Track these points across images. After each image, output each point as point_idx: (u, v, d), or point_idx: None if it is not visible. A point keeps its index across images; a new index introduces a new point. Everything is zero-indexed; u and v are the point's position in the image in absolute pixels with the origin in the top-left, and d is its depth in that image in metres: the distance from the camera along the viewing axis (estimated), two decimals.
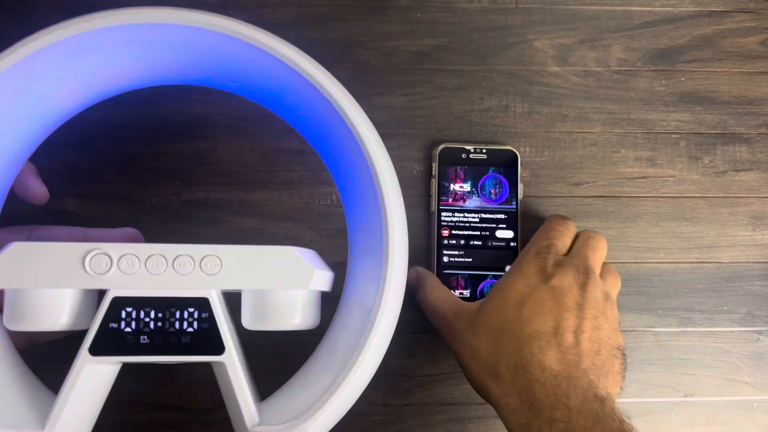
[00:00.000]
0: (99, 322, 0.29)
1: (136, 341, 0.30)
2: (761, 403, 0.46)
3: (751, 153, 0.49)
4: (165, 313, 0.30)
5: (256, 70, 0.34)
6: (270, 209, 0.46)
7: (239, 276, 0.30)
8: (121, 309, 0.30)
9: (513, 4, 0.49)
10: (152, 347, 0.30)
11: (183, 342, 0.30)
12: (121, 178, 0.45)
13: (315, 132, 0.36)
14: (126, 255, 0.29)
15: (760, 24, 0.50)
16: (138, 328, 0.30)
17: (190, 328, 0.30)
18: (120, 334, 0.30)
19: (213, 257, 0.30)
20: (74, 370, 0.29)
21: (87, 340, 0.29)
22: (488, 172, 0.46)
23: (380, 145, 0.33)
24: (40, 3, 0.47)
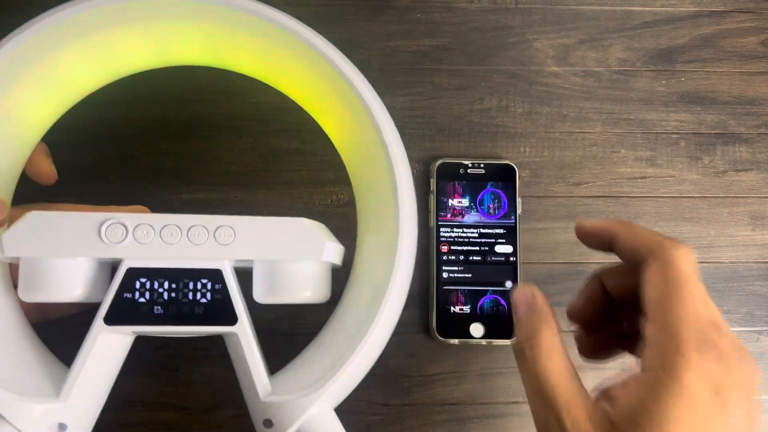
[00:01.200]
0: (114, 292, 0.30)
1: (150, 311, 0.30)
2: (761, 403, 0.46)
3: (751, 153, 0.49)
4: (179, 284, 0.30)
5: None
6: (270, 209, 0.46)
7: (252, 246, 0.30)
8: (136, 279, 0.30)
9: (513, 4, 0.49)
10: (166, 317, 0.30)
11: (196, 312, 0.30)
12: (121, 178, 0.45)
13: (324, 110, 0.37)
14: (141, 224, 0.29)
15: (760, 24, 0.50)
16: (152, 298, 0.30)
17: (203, 299, 0.30)
18: (134, 304, 0.30)
19: (227, 227, 0.30)
20: (89, 339, 0.29)
21: (102, 310, 0.29)
22: (486, 186, 0.46)
23: (391, 125, 0.34)
24: (39, 3, 0.47)
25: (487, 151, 0.48)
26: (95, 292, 0.30)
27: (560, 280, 0.46)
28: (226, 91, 0.46)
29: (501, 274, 0.45)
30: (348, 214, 0.46)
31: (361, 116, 0.33)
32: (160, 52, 0.36)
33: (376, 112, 0.33)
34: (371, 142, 0.34)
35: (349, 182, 0.46)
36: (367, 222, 0.36)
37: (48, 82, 0.33)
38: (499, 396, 0.45)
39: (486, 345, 0.45)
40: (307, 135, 0.47)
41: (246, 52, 0.36)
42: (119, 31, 0.33)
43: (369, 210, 0.36)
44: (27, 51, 0.31)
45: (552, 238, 0.47)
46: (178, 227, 0.29)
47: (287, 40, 0.33)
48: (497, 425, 0.44)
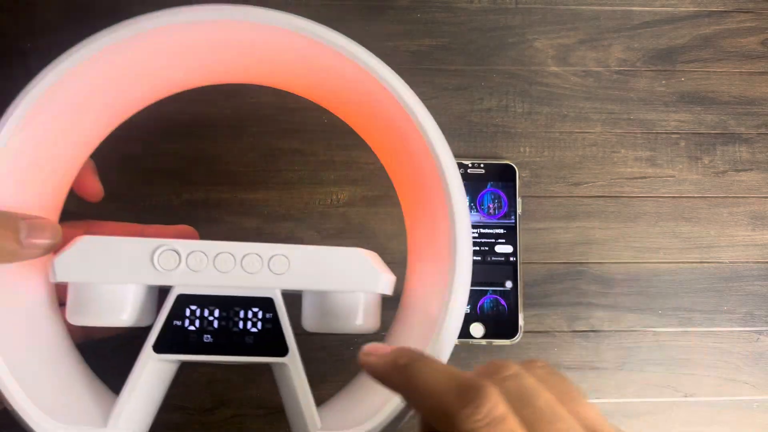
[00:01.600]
0: (164, 320, 0.29)
1: (200, 340, 0.29)
2: (761, 403, 0.46)
3: (751, 153, 0.49)
4: (229, 312, 0.30)
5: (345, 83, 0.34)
6: (270, 209, 0.46)
7: (306, 276, 0.30)
8: (186, 307, 0.29)
9: (513, 4, 0.49)
10: (216, 346, 0.29)
11: (246, 342, 0.30)
12: (121, 178, 0.45)
13: (380, 139, 0.36)
14: (195, 252, 0.29)
15: (760, 24, 0.50)
16: (202, 326, 0.29)
17: (254, 328, 0.30)
18: (184, 332, 0.29)
19: (281, 257, 0.29)
20: (137, 367, 0.29)
21: (151, 338, 0.29)
22: (486, 186, 0.46)
23: (450, 155, 0.33)
24: (39, 3, 0.47)
25: (487, 151, 0.48)
26: (143, 317, 0.30)
27: (560, 280, 0.46)
28: (226, 91, 0.46)
29: (501, 274, 0.45)
30: (348, 214, 0.46)
31: (419, 147, 0.33)
32: (214, 71, 0.35)
33: (434, 139, 0.32)
34: (427, 170, 0.33)
35: (348, 182, 0.47)
36: (420, 249, 0.34)
37: (103, 99, 0.32)
38: None
39: (486, 345, 0.45)
40: (307, 135, 0.47)
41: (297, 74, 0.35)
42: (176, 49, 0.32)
43: (422, 236, 0.34)
44: (84, 69, 0.30)
45: (552, 238, 0.47)
46: (232, 255, 0.29)
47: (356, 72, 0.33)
48: None
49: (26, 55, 0.46)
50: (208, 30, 0.31)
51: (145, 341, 0.29)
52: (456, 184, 0.32)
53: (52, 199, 0.32)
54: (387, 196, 0.46)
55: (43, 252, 0.28)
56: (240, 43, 0.32)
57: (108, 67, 0.30)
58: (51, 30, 0.47)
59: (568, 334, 0.46)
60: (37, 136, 0.29)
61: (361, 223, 0.46)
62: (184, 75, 0.34)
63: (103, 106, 0.32)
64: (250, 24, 0.31)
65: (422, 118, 0.33)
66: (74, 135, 0.32)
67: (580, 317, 0.46)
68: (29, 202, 0.29)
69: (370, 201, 0.46)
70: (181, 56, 0.32)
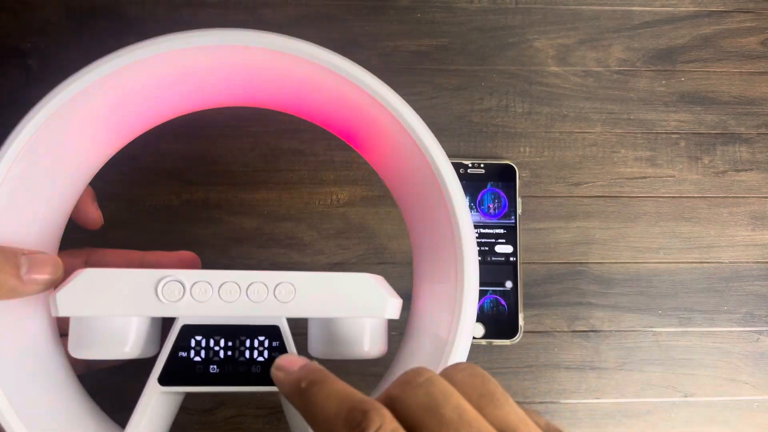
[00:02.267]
0: (168, 351, 0.29)
1: (206, 371, 0.29)
2: (761, 403, 0.46)
3: (751, 153, 0.49)
4: (235, 342, 0.29)
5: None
6: (270, 209, 0.46)
7: (312, 303, 0.29)
8: (191, 337, 0.29)
9: (513, 4, 0.49)
10: (222, 377, 0.29)
11: (253, 372, 0.29)
12: (121, 178, 0.45)
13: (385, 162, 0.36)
14: (199, 282, 0.28)
15: (760, 24, 0.50)
16: (208, 357, 0.29)
17: (260, 357, 0.29)
18: (189, 364, 0.29)
19: (287, 284, 0.29)
20: (143, 401, 0.28)
21: (156, 370, 0.29)
22: (486, 186, 0.46)
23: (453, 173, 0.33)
24: (39, 3, 0.47)
25: (487, 151, 0.48)
26: (146, 349, 0.30)
27: (560, 280, 0.46)
28: None
29: (501, 274, 0.45)
30: (347, 214, 0.46)
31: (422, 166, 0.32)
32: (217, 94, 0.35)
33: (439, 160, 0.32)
34: (431, 190, 0.32)
35: (348, 182, 0.47)
36: (425, 269, 0.34)
37: (102, 124, 0.32)
38: None
39: (486, 345, 0.45)
40: (307, 135, 0.47)
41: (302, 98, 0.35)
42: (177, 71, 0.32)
43: (428, 256, 0.34)
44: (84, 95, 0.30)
45: (552, 238, 0.47)
46: (237, 284, 0.29)
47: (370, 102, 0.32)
48: None
49: (26, 55, 0.46)
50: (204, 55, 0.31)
51: (150, 373, 0.29)
52: (461, 202, 0.32)
53: (52, 230, 0.31)
54: (387, 196, 0.46)
55: (43, 288, 0.28)
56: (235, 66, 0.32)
57: (107, 94, 0.30)
58: (51, 30, 0.46)
59: (568, 334, 0.46)
60: (35, 167, 0.29)
61: (361, 223, 0.46)
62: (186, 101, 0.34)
63: (101, 133, 0.32)
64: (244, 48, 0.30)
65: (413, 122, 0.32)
66: (73, 164, 0.31)
67: (580, 317, 0.46)
68: (28, 235, 0.29)
69: (370, 201, 0.46)
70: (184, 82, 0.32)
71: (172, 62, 0.30)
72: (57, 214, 0.31)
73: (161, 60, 0.30)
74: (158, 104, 0.33)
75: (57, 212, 0.31)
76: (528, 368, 0.45)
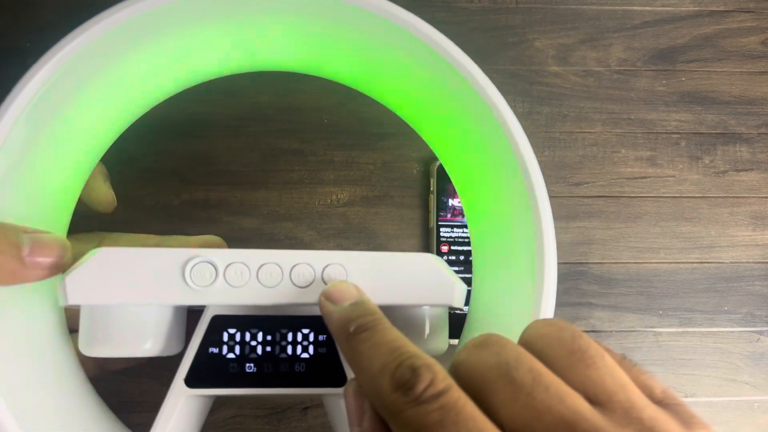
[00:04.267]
0: (197, 347, 0.25)
1: (241, 370, 0.25)
2: (761, 403, 0.46)
3: (752, 153, 0.49)
4: (275, 336, 0.25)
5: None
6: (270, 209, 0.46)
7: (368, 290, 0.24)
8: (223, 330, 0.25)
9: (513, 4, 0.49)
10: (260, 378, 0.25)
11: (297, 371, 0.25)
12: (121, 178, 0.45)
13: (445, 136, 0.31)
14: (234, 263, 0.24)
15: (761, 24, 0.50)
16: (243, 353, 0.25)
17: (305, 354, 0.25)
18: (222, 361, 0.25)
19: (337, 266, 0.25)
20: (167, 405, 0.24)
21: (182, 369, 0.25)
22: None
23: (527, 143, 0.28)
24: (39, 3, 0.47)
25: None
26: (169, 345, 0.25)
27: (560, 280, 0.46)
28: (226, 91, 0.46)
29: None
30: (347, 214, 0.46)
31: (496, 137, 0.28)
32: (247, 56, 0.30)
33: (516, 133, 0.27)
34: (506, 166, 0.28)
35: (348, 182, 0.46)
36: (489, 254, 0.30)
37: (111, 93, 0.27)
38: None
39: None
40: (307, 135, 0.47)
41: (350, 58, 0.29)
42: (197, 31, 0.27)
43: (492, 240, 0.29)
44: (88, 56, 0.25)
45: None
46: (279, 266, 0.24)
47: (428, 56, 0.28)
48: None
49: (26, 55, 0.46)
50: None
51: (175, 374, 0.25)
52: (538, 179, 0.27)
53: (59, 208, 0.27)
54: (387, 196, 0.46)
55: (48, 273, 0.24)
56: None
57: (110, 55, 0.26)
58: (51, 30, 0.46)
59: None
60: (39, 133, 0.25)
61: (361, 223, 0.46)
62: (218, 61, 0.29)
63: (110, 101, 0.28)
64: None
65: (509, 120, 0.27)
66: (83, 133, 0.27)
67: (580, 317, 0.46)
68: (32, 212, 0.25)
69: (370, 201, 0.46)
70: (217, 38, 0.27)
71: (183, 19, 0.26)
72: (65, 190, 0.27)
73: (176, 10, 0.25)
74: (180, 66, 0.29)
75: (65, 188, 0.27)
76: None
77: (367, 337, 0.21)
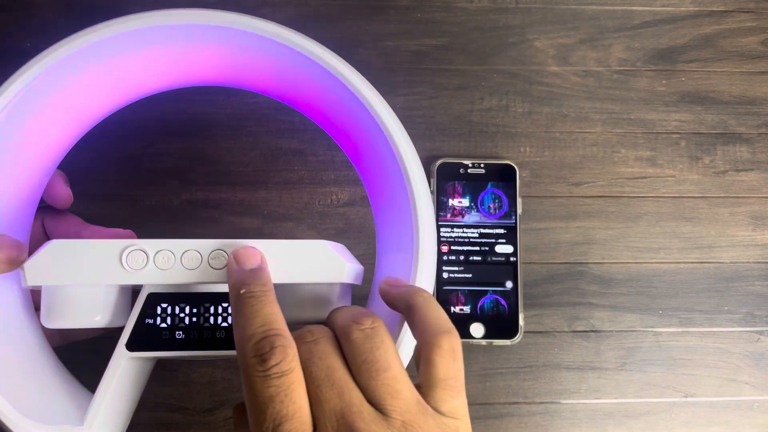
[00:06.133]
0: (135, 318, 0.30)
1: (172, 336, 0.30)
2: (761, 403, 0.46)
3: (752, 153, 0.49)
4: (199, 308, 0.30)
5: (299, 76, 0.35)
6: (270, 209, 0.46)
7: (273, 270, 0.30)
8: (157, 305, 0.30)
9: (513, 4, 0.49)
10: (187, 342, 0.30)
11: (218, 337, 0.30)
12: (121, 178, 0.45)
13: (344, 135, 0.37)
14: (162, 251, 0.29)
15: (761, 24, 0.50)
16: (173, 323, 0.30)
17: (224, 323, 0.30)
18: (156, 330, 0.30)
19: None
20: (111, 365, 0.29)
21: (124, 336, 0.30)
22: (487, 186, 0.46)
23: (411, 146, 0.34)
24: (39, 3, 0.47)
25: (487, 151, 0.48)
26: (116, 317, 0.30)
27: (560, 280, 0.46)
28: (226, 91, 0.46)
29: (501, 274, 0.45)
30: (347, 214, 0.46)
31: (379, 137, 0.34)
32: (177, 74, 0.36)
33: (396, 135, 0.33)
34: (390, 163, 0.34)
35: (348, 182, 0.47)
36: (385, 242, 0.36)
37: (66, 108, 0.33)
38: (499, 396, 0.45)
39: (486, 345, 0.45)
40: (307, 135, 0.47)
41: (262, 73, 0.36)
42: (138, 55, 0.33)
43: (387, 230, 0.35)
44: (46, 79, 0.31)
45: (552, 238, 0.47)
46: (198, 253, 0.29)
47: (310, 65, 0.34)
48: (497, 425, 0.44)
49: (26, 55, 0.46)
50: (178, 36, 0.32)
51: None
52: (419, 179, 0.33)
53: (21, 213, 0.32)
54: None
55: (8, 268, 0.29)
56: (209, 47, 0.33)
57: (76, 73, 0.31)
58: (51, 30, 0.46)
59: (568, 334, 0.46)
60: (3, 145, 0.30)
61: (361, 223, 0.46)
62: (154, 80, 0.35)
63: (64, 115, 0.33)
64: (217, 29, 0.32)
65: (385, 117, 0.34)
66: (40, 146, 0.32)
67: (580, 317, 0.46)
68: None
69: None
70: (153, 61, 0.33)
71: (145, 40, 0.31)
72: (26, 194, 0.32)
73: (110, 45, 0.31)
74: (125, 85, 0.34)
75: (26, 192, 0.32)
76: (528, 368, 0.45)
77: (251, 303, 0.25)
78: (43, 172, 0.34)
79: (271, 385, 0.23)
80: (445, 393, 0.25)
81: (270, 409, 0.23)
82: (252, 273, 0.27)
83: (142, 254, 0.29)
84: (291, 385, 0.23)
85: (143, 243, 0.29)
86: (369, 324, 0.25)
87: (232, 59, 0.35)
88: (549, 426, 0.45)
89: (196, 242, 0.30)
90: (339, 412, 0.23)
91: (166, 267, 0.29)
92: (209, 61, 0.35)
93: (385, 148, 0.33)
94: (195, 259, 0.29)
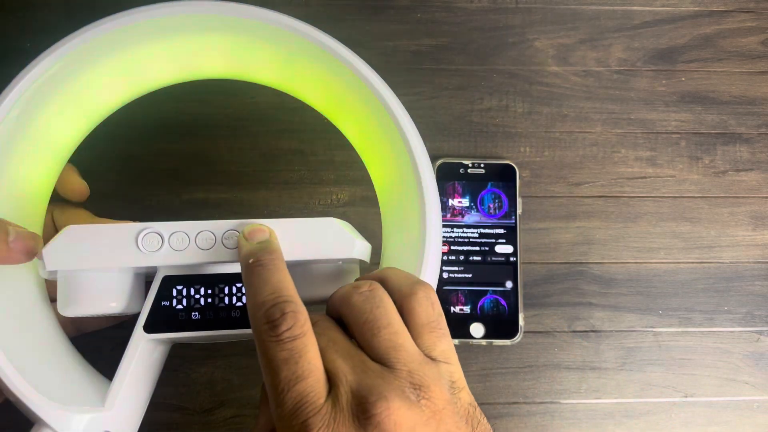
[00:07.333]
0: (152, 301, 0.30)
1: (188, 318, 0.31)
2: (761, 403, 0.46)
3: (752, 153, 0.49)
4: (214, 289, 0.31)
5: None
6: (270, 209, 0.46)
7: (285, 248, 0.30)
8: (172, 287, 0.31)
9: (513, 4, 0.49)
10: (204, 323, 0.31)
11: (233, 316, 0.31)
12: (121, 178, 0.45)
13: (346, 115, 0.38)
14: (176, 232, 0.30)
15: (761, 24, 0.50)
16: (189, 304, 0.31)
17: (239, 303, 0.31)
18: (172, 312, 0.30)
19: None
20: (130, 347, 0.30)
21: (141, 319, 0.30)
22: (487, 186, 0.46)
23: (411, 124, 0.35)
24: (39, 3, 0.47)
25: (487, 151, 0.48)
26: (131, 304, 0.31)
27: (560, 280, 0.46)
28: (226, 91, 0.46)
29: (501, 274, 0.45)
30: (348, 214, 0.46)
31: (383, 118, 0.34)
32: (185, 67, 0.36)
33: (399, 115, 0.34)
34: (392, 143, 0.34)
35: (348, 182, 0.47)
36: (391, 221, 0.36)
37: (76, 101, 0.33)
38: (499, 396, 0.45)
39: (486, 345, 0.45)
40: (307, 135, 0.47)
41: (269, 64, 0.36)
42: (147, 48, 0.34)
43: (393, 209, 0.36)
44: (55, 73, 0.31)
45: (552, 238, 0.47)
46: (212, 233, 0.30)
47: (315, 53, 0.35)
48: (497, 425, 0.44)
49: (26, 55, 0.46)
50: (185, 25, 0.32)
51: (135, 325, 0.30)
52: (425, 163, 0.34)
53: (34, 207, 0.33)
54: None
55: (25, 258, 0.29)
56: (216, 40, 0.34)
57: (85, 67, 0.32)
58: (51, 30, 0.46)
59: (568, 334, 0.46)
60: (14, 144, 0.30)
61: (361, 223, 0.46)
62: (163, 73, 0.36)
63: (75, 109, 0.33)
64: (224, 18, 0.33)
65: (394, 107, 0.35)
66: (50, 137, 0.33)
67: (580, 317, 0.46)
68: (9, 214, 0.30)
69: (370, 201, 0.46)
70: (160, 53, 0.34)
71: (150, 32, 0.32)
72: (38, 189, 0.33)
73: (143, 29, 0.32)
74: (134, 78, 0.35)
75: (38, 187, 0.33)
76: (528, 368, 0.45)
77: (260, 272, 0.26)
78: (56, 165, 0.34)
79: (284, 349, 0.23)
80: (432, 336, 0.26)
81: (285, 371, 0.23)
82: (260, 245, 0.28)
83: (157, 236, 0.30)
84: (304, 347, 0.24)
85: (158, 225, 0.30)
86: (366, 288, 0.26)
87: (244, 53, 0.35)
88: (549, 426, 0.45)
89: (209, 223, 0.30)
90: (349, 370, 0.24)
91: (181, 248, 0.30)
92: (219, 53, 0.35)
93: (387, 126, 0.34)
94: (209, 240, 0.30)
